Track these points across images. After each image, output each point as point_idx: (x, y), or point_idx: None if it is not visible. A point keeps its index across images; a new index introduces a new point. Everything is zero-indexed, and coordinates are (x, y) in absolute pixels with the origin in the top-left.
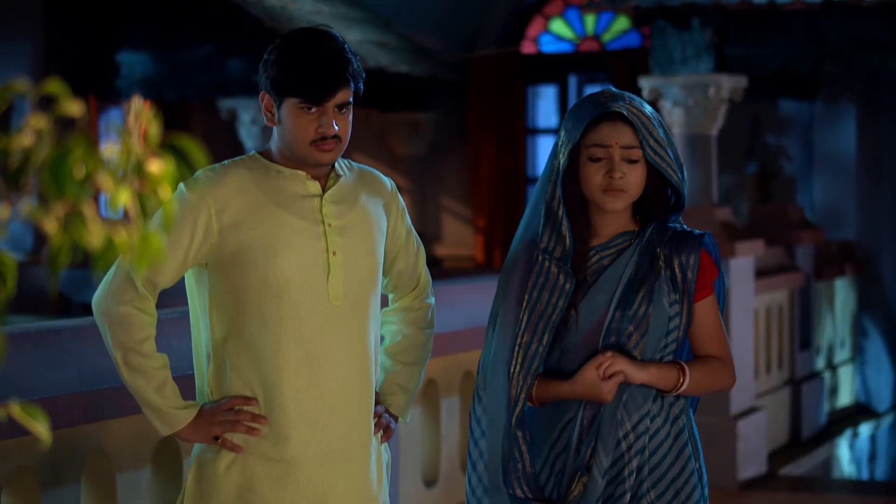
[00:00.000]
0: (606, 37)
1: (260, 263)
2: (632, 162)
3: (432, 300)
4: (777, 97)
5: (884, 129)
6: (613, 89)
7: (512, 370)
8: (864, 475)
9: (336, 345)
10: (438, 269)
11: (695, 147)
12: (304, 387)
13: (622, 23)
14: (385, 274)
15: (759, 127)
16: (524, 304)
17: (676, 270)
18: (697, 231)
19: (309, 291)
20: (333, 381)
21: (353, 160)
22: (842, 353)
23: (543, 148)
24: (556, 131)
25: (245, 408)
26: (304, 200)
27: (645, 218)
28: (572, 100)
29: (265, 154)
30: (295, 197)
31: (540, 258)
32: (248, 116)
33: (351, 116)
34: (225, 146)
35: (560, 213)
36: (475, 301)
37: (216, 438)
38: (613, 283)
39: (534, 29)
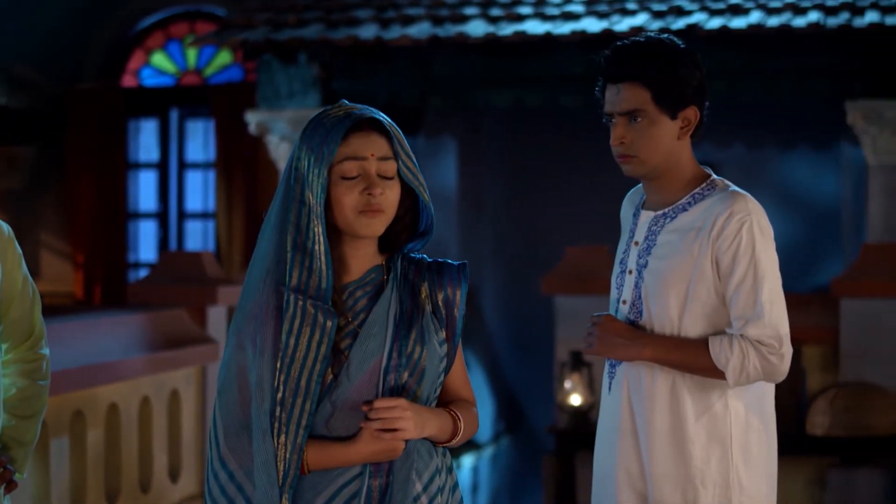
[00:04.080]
0: (209, 71)
1: None
2: (387, 178)
3: (47, 351)
4: None
5: (484, 164)
6: (347, 102)
7: (277, 439)
8: None
9: None
10: None
11: None
12: None
13: (224, 57)
14: None
15: None
16: (280, 353)
17: (441, 306)
18: (453, 261)
19: None
20: None
21: None
22: None
23: (145, 182)
24: (157, 166)
25: None
26: None
27: (387, 247)
28: (174, 133)
29: None
30: None
31: (292, 298)
32: None
33: None
34: None
35: (317, 246)
36: (84, 338)
37: None
38: (383, 324)
39: (135, 62)
